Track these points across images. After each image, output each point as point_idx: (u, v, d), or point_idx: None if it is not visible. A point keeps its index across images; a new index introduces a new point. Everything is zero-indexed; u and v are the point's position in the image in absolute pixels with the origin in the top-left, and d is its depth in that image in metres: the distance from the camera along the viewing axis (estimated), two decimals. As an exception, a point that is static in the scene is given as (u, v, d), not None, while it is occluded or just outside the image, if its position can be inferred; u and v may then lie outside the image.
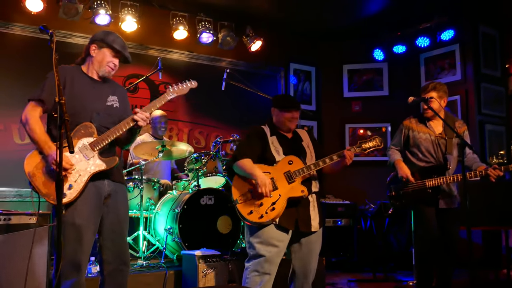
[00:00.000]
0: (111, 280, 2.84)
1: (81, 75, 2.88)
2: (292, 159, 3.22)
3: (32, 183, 2.62)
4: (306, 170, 3.17)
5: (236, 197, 3.17)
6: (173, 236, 4.42)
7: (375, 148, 3.24)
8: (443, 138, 3.81)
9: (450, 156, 3.77)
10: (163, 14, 6.16)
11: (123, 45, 2.92)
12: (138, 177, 4.68)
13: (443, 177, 3.65)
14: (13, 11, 5.29)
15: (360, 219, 6.02)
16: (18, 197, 5.16)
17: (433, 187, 3.68)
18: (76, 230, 2.65)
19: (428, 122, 3.89)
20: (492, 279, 5.04)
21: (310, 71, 7.37)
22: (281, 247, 3.15)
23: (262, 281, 3.11)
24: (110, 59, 2.88)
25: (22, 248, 3.40)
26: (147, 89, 6.13)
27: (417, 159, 3.85)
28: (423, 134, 3.85)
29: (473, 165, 3.72)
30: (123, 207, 2.93)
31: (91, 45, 2.90)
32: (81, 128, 2.74)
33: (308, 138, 3.49)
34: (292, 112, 3.32)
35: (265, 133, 3.34)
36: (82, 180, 2.67)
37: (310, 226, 3.20)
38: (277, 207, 3.09)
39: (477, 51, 6.34)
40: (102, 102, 2.86)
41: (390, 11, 6.31)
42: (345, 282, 5.03)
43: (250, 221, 3.12)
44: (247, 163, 3.17)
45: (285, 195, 3.13)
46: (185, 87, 3.10)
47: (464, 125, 3.91)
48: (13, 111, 5.23)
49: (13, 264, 3.35)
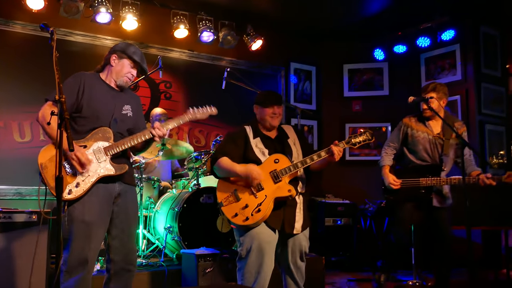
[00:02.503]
0: (117, 280, 2.87)
1: (99, 81, 2.96)
2: (278, 158, 3.14)
3: (42, 174, 2.67)
4: (292, 169, 3.09)
5: (221, 200, 3.11)
6: (172, 235, 4.43)
7: (366, 143, 3.19)
8: (441, 138, 3.83)
9: (446, 157, 3.80)
10: (164, 12, 6.15)
11: (142, 58, 3.03)
12: (138, 176, 4.68)
13: (437, 178, 3.69)
14: (14, 9, 5.28)
15: (360, 219, 6.02)
16: (18, 195, 5.16)
17: (426, 187, 3.71)
18: (85, 226, 2.69)
19: (427, 121, 3.91)
20: (491, 279, 5.04)
21: (311, 70, 7.37)
22: (271, 244, 3.11)
23: (257, 279, 3.08)
24: (128, 70, 2.97)
25: (22, 246, 3.41)
26: (148, 88, 6.13)
27: (415, 157, 3.89)
28: (421, 133, 3.88)
29: (468, 168, 3.73)
30: (132, 207, 2.97)
31: (112, 55, 2.98)
32: (99, 132, 2.81)
33: (294, 134, 3.39)
34: (274, 107, 3.23)
35: (246, 133, 3.26)
36: (90, 180, 2.72)
37: (293, 228, 3.14)
38: (263, 209, 3.02)
39: (477, 51, 6.34)
40: (118, 109, 2.93)
41: (391, 10, 6.31)
42: (344, 282, 5.03)
43: (235, 224, 3.08)
44: (225, 161, 3.12)
45: (271, 195, 3.06)
46: (205, 112, 3.14)
47: (463, 126, 3.92)
48: (13, 108, 5.24)
49: (14, 262, 3.36)
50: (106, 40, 5.81)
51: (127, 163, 2.93)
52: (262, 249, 3.06)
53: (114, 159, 2.83)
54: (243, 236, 3.12)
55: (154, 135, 2.86)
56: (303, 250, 3.24)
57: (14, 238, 3.41)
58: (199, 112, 3.12)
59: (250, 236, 3.08)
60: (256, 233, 3.07)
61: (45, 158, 2.69)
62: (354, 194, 6.36)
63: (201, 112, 3.12)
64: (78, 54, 5.59)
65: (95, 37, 5.75)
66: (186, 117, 3.05)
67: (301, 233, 3.21)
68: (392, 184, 3.80)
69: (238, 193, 3.09)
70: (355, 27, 6.86)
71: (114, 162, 2.82)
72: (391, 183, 3.80)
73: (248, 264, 3.09)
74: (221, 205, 3.11)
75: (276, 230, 3.13)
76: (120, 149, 2.82)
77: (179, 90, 6.36)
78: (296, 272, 3.24)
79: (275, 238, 3.14)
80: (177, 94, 6.34)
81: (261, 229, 3.08)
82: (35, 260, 3.36)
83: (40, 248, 3.44)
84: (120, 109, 2.94)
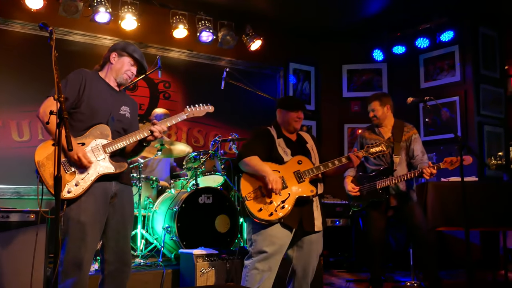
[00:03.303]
0: (111, 280, 2.85)
1: (99, 80, 2.95)
2: (301, 159, 3.29)
3: (40, 173, 2.63)
4: (316, 171, 3.24)
5: (245, 194, 3.17)
6: (171, 235, 4.42)
7: (381, 153, 3.44)
8: (391, 142, 4.10)
9: (397, 158, 4.08)
10: (163, 12, 6.16)
11: (142, 56, 3.06)
12: (136, 176, 4.68)
13: (391, 177, 3.97)
14: (13, 8, 5.28)
15: (358, 219, 6.02)
16: (16, 195, 5.15)
17: (383, 188, 4.00)
18: (81, 226, 2.67)
19: (377, 129, 4.25)
20: (489, 280, 5.04)
21: (310, 71, 7.37)
22: (283, 246, 3.17)
23: (262, 279, 3.11)
24: (128, 68, 2.99)
25: (20, 245, 3.41)
26: (147, 88, 6.13)
27: (370, 163, 4.19)
28: (373, 140, 4.09)
29: (419, 166, 4.00)
30: (128, 208, 2.95)
31: (111, 53, 2.99)
32: (98, 129, 2.80)
33: (311, 140, 3.56)
34: (298, 112, 3.40)
35: (271, 134, 3.37)
36: (89, 179, 2.70)
37: (313, 226, 3.24)
38: (286, 205, 3.14)
39: (476, 52, 6.35)
40: (116, 108, 2.93)
41: (390, 11, 6.31)
42: (343, 282, 5.02)
43: (259, 218, 3.13)
44: (255, 160, 3.19)
45: (295, 194, 3.18)
46: (202, 110, 3.19)
47: (413, 129, 4.22)
48: (11, 108, 5.23)
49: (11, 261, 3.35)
50: (105, 40, 5.80)
51: (126, 161, 2.92)
52: (273, 251, 3.12)
53: (113, 157, 2.81)
54: (256, 235, 3.18)
55: (153, 130, 2.84)
56: (320, 250, 3.35)
57: (12, 238, 3.41)
58: (196, 110, 3.15)
59: (264, 236, 3.14)
60: (270, 235, 3.13)
61: (42, 156, 2.65)
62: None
63: (198, 110, 3.16)
64: (77, 53, 5.59)
65: (94, 36, 5.75)
66: (183, 115, 3.07)
67: (318, 233, 3.30)
68: (350, 191, 4.13)
69: (263, 189, 3.17)
70: (354, 28, 6.86)
71: (114, 160, 2.81)
72: (350, 190, 4.14)
73: (256, 264, 3.14)
74: (245, 199, 3.16)
75: (293, 230, 3.19)
76: (119, 146, 2.81)
77: (178, 90, 6.36)
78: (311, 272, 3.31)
79: (288, 240, 3.20)
80: (176, 94, 6.34)
81: (276, 230, 3.14)
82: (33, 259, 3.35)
83: (38, 248, 3.43)
84: (118, 108, 2.94)
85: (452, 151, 3.82)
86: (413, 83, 6.77)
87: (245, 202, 3.15)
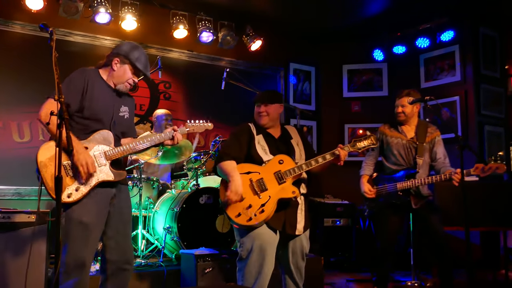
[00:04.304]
0: (113, 280, 2.86)
1: (100, 80, 2.89)
2: (283, 159, 3.14)
3: (41, 174, 2.60)
4: (297, 170, 3.09)
5: (224, 199, 3.08)
6: (172, 235, 4.43)
7: (371, 147, 3.25)
8: (414, 142, 3.97)
9: (420, 159, 3.92)
10: (163, 13, 6.16)
11: (146, 64, 2.93)
12: (137, 176, 4.68)
13: (413, 180, 3.80)
14: (13, 9, 5.28)
15: (358, 219, 6.02)
16: (17, 195, 5.16)
17: (404, 190, 3.84)
18: (83, 227, 2.67)
19: (400, 127, 4.06)
20: (490, 279, 5.04)
21: (310, 71, 7.37)
22: (271, 245, 3.10)
23: (257, 281, 3.07)
24: (130, 76, 2.90)
25: (21, 246, 3.41)
26: (147, 88, 6.14)
27: (390, 163, 4.02)
28: (394, 138, 4.02)
29: (441, 169, 3.87)
30: (126, 207, 2.96)
31: (114, 57, 2.88)
32: (101, 134, 2.79)
33: (297, 135, 3.41)
34: (261, 106, 3.27)
35: (250, 129, 3.27)
36: (90, 185, 2.70)
37: (295, 229, 3.14)
38: (266, 209, 3.01)
39: (476, 52, 6.34)
40: (116, 111, 2.91)
41: (390, 11, 6.31)
42: (343, 282, 5.03)
43: (238, 224, 3.06)
44: (227, 165, 3.11)
45: (275, 196, 3.05)
46: (201, 126, 3.22)
47: (436, 131, 4.05)
48: (12, 109, 5.24)
49: (12, 262, 3.36)
50: (105, 40, 5.81)
51: (124, 170, 2.94)
52: (263, 250, 3.05)
53: (114, 164, 2.82)
54: (243, 237, 3.11)
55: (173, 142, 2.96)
56: (304, 251, 3.25)
57: (13, 239, 3.41)
58: (197, 126, 3.21)
59: (251, 237, 3.07)
60: (257, 234, 3.06)
61: (45, 156, 2.62)
62: (353, 195, 6.34)
63: (198, 126, 3.21)
64: (77, 54, 5.59)
65: (95, 37, 5.75)
66: (184, 129, 3.11)
67: (302, 234, 3.21)
68: (366, 193, 3.98)
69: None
70: (354, 28, 6.86)
71: (114, 167, 2.81)
72: (366, 192, 3.98)
73: (248, 265, 3.07)
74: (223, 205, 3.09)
75: (277, 231, 3.12)
76: (121, 155, 2.82)
77: (178, 90, 6.36)
78: (296, 272, 3.25)
79: (276, 239, 3.13)
80: (177, 94, 6.34)
81: (262, 230, 3.07)
82: (34, 260, 3.36)
83: (39, 249, 3.44)
84: (118, 110, 2.92)
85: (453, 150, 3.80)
86: (413, 83, 6.76)
87: (224, 208, 3.08)
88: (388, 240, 3.94)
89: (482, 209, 4.52)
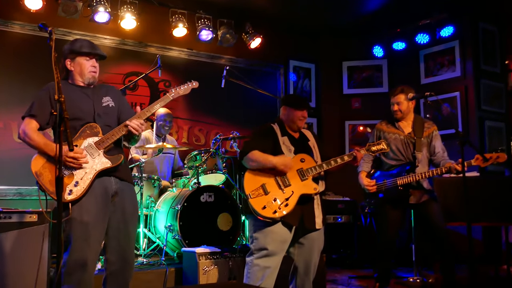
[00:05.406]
0: (113, 279, 2.86)
1: (69, 86, 2.88)
2: (304, 157, 3.31)
3: (39, 182, 2.67)
4: (318, 169, 3.26)
5: (249, 192, 3.17)
6: (173, 234, 4.43)
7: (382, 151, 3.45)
8: (412, 137, 4.00)
9: (419, 154, 3.95)
10: (162, 11, 6.15)
11: (92, 45, 2.93)
12: (138, 175, 4.68)
13: (412, 174, 3.85)
14: (12, 9, 5.28)
15: (360, 216, 6.02)
16: (18, 195, 5.16)
17: (404, 185, 3.87)
18: (84, 227, 2.67)
19: (397, 123, 4.10)
20: (492, 275, 5.04)
21: (310, 68, 7.37)
22: (284, 243, 3.18)
23: (264, 276, 3.12)
24: (88, 65, 2.90)
25: (23, 246, 3.41)
26: (147, 87, 6.13)
27: (389, 159, 4.06)
28: (392, 134, 4.06)
29: (441, 162, 3.91)
30: (130, 206, 2.92)
31: (65, 61, 2.90)
32: (87, 129, 2.80)
33: (313, 138, 3.56)
34: (304, 111, 3.42)
35: (275, 131, 3.38)
36: (88, 177, 2.71)
37: (314, 223, 3.25)
38: (290, 203, 3.15)
39: (476, 48, 6.34)
40: (98, 104, 2.91)
41: (390, 7, 6.30)
42: (345, 279, 5.03)
43: (263, 216, 3.13)
44: (258, 154, 3.19)
45: (298, 191, 3.19)
46: (186, 88, 3.16)
47: (433, 125, 4.09)
48: (12, 109, 5.23)
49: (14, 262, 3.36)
50: (105, 40, 5.81)
51: (122, 153, 2.91)
52: (274, 248, 3.14)
53: (108, 151, 2.82)
54: (257, 232, 3.19)
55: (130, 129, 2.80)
56: (320, 246, 3.36)
57: (14, 239, 3.41)
58: (181, 89, 3.13)
59: (265, 233, 3.15)
60: (271, 232, 3.15)
61: (38, 166, 2.70)
62: (354, 192, 6.34)
63: (183, 89, 3.15)
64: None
65: (94, 36, 5.74)
66: (169, 96, 3.06)
67: (319, 230, 3.31)
68: (367, 186, 4.02)
69: (266, 187, 3.18)
70: (354, 24, 6.85)
71: (109, 154, 2.81)
72: (366, 185, 4.03)
73: (257, 261, 3.16)
74: (249, 197, 3.17)
75: (293, 228, 3.20)
76: (110, 141, 2.80)
77: (178, 89, 6.34)
78: (310, 268, 3.32)
79: (289, 237, 3.21)
80: (177, 93, 6.32)
81: (277, 228, 3.15)
82: (35, 260, 3.36)
83: (40, 249, 3.44)
84: (100, 102, 2.92)
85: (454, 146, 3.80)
86: (413, 79, 6.76)
87: (249, 200, 3.15)
88: (389, 236, 3.96)
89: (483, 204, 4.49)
